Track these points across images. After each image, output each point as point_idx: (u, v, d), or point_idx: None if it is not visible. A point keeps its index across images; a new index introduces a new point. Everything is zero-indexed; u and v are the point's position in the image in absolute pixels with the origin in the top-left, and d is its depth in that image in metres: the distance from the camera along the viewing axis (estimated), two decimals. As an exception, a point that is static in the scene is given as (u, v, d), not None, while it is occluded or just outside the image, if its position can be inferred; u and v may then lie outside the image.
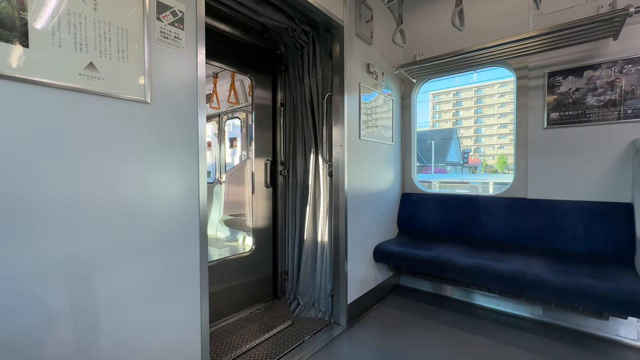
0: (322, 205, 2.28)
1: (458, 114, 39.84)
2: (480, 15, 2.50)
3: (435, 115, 32.65)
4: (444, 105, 32.45)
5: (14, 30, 0.85)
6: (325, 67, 2.23)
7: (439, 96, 31.97)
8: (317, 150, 2.32)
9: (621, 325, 1.94)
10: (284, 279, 2.56)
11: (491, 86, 43.29)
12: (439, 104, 32.41)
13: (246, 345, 1.86)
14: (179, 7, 1.22)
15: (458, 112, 40.31)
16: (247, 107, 3.17)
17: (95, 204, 1.01)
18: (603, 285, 1.61)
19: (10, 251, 0.85)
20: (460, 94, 39.03)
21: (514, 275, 1.85)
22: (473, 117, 28.94)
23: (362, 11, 2.27)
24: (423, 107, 30.24)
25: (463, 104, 39.79)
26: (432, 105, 32.53)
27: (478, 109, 29.07)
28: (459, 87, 15.91)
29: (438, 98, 32.34)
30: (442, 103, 32.39)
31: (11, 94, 0.85)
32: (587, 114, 2.11)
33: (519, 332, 2.05)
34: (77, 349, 0.98)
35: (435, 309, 2.39)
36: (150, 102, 1.13)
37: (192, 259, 1.28)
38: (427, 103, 32.63)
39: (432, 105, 32.23)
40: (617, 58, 2.01)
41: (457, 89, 39.34)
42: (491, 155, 46.26)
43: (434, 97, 32.19)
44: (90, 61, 0.98)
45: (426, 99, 28.22)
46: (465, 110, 38.81)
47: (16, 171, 0.86)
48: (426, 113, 32.81)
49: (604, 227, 2.00)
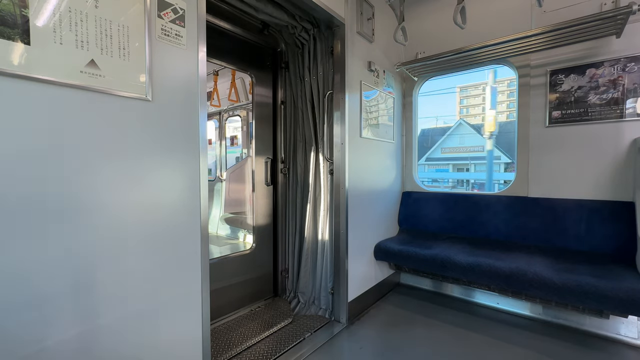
0: (322, 203, 2.28)
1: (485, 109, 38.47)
2: (482, 13, 2.49)
3: (463, 110, 31.73)
4: (472, 99, 31.46)
5: (16, 28, 0.85)
6: (326, 65, 2.23)
7: (467, 90, 31.02)
8: (318, 148, 2.31)
9: (622, 323, 1.94)
10: (284, 277, 2.57)
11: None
12: (466, 98, 31.49)
13: (247, 343, 1.87)
14: (180, 5, 1.21)
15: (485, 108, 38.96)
16: (248, 105, 3.16)
17: (95, 201, 1.01)
18: (604, 284, 1.61)
19: (12, 248, 0.85)
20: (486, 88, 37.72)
21: (515, 274, 1.85)
22: (505, 112, 27.74)
23: (363, 9, 2.26)
24: (449, 100, 29.11)
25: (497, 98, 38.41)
26: (460, 100, 31.67)
27: (510, 104, 27.79)
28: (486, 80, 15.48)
29: (466, 92, 31.36)
30: (470, 97, 31.44)
31: (13, 91, 0.85)
32: (589, 112, 2.10)
33: (519, 330, 2.05)
34: (79, 344, 0.99)
35: (435, 307, 2.40)
36: (152, 100, 1.13)
37: (193, 256, 1.29)
38: (454, 96, 31.51)
39: (460, 99, 31.40)
40: (620, 56, 2.00)
41: (483, 82, 37.77)
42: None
43: (462, 91, 31.27)
44: (91, 58, 0.98)
45: (452, 91, 27.16)
46: (499, 104, 37.32)
47: (18, 168, 0.86)
48: (452, 107, 31.66)
49: (605, 226, 2.00)
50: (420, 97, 3.01)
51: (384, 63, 2.59)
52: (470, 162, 21.21)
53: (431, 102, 22.30)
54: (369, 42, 2.38)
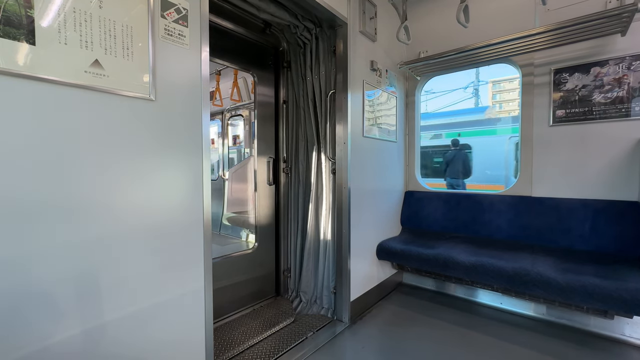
0: (324, 203, 2.28)
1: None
2: (485, 12, 2.47)
3: (496, 106, 31.12)
4: (505, 94, 30.82)
5: (21, 28, 0.85)
6: (329, 64, 2.23)
7: (499, 84, 30.34)
8: (320, 148, 2.31)
9: (626, 324, 1.93)
10: (286, 276, 2.57)
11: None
12: (499, 93, 30.84)
13: (249, 342, 1.88)
14: (183, 5, 1.22)
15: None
16: (250, 105, 3.17)
17: (98, 200, 1.02)
18: (608, 284, 1.60)
19: (19, 244, 0.86)
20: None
21: (518, 274, 1.84)
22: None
23: (366, 8, 2.26)
24: (482, 94, 28.04)
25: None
26: (492, 95, 31.02)
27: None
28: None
29: (499, 86, 30.69)
30: (503, 92, 30.81)
31: (18, 91, 0.86)
32: (593, 111, 2.08)
33: (522, 331, 2.04)
34: (84, 342, 0.99)
35: (438, 307, 2.39)
36: (155, 99, 1.14)
37: (197, 255, 1.29)
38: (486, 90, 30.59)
39: (492, 94, 30.74)
40: (625, 54, 1.98)
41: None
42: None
43: (494, 86, 30.64)
44: (95, 58, 0.99)
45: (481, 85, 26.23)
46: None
47: (23, 167, 0.87)
48: (485, 101, 30.75)
49: (609, 226, 1.98)
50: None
51: (387, 62, 2.58)
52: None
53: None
54: (372, 42, 2.38)
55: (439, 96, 10.42)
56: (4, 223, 0.84)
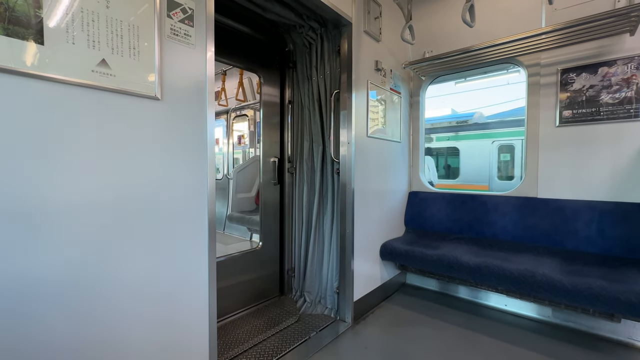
0: (329, 203, 2.28)
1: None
2: (491, 11, 2.46)
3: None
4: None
5: (30, 28, 0.87)
6: (333, 64, 2.23)
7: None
8: (325, 148, 2.31)
9: (634, 328, 1.90)
10: (290, 276, 2.58)
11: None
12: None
13: (253, 340, 1.88)
14: (189, 4, 1.23)
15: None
16: (255, 105, 3.18)
17: (104, 198, 1.03)
18: (615, 287, 1.58)
19: (25, 244, 0.87)
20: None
21: (523, 275, 1.82)
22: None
23: (370, 7, 2.26)
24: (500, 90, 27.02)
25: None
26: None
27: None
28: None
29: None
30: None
31: (27, 90, 0.87)
32: (601, 111, 2.06)
33: (527, 333, 2.02)
34: (87, 340, 1.00)
35: (441, 308, 2.38)
36: (161, 98, 1.15)
37: (201, 254, 1.30)
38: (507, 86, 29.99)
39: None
40: (633, 54, 1.95)
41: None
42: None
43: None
44: (102, 58, 1.00)
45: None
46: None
47: (31, 165, 0.88)
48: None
49: (616, 228, 1.96)
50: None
51: (391, 62, 2.58)
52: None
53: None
54: (376, 42, 2.37)
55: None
56: (12, 219, 0.85)
